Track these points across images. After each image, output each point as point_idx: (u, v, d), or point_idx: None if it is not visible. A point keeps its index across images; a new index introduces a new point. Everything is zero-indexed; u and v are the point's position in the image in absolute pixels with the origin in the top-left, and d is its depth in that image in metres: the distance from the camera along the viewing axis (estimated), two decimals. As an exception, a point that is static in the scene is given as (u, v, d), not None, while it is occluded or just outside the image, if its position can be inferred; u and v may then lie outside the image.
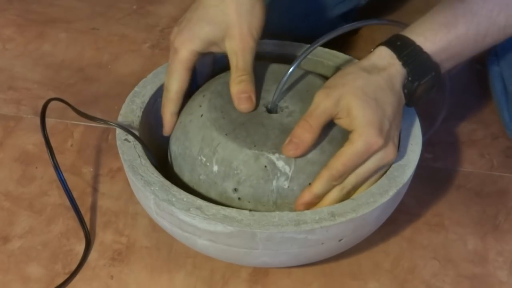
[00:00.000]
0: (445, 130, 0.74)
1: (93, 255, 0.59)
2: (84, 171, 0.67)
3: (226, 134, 0.52)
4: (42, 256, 0.59)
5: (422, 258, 0.60)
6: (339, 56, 0.65)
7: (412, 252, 0.60)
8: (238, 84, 0.54)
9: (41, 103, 0.75)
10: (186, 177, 0.55)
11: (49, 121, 0.73)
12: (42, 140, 0.70)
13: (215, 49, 0.56)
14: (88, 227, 0.61)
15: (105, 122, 0.55)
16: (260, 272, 0.58)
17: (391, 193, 0.51)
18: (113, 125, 0.54)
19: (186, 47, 0.55)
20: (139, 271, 0.58)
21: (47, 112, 0.74)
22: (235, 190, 0.52)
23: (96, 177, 0.67)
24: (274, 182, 0.51)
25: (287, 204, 0.52)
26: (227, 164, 0.52)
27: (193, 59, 0.55)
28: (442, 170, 0.69)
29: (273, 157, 0.51)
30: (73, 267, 0.58)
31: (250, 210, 0.49)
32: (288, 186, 0.51)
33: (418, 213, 0.64)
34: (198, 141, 0.54)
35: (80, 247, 0.60)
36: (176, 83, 0.56)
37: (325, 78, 0.63)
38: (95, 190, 0.65)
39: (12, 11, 0.93)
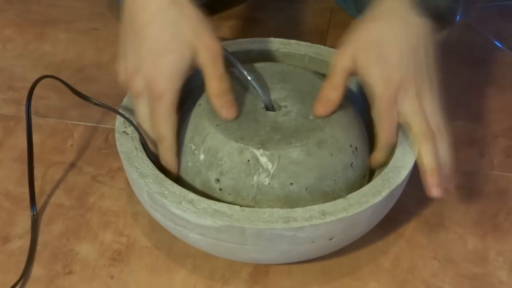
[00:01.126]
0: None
1: (93, 255, 0.59)
2: (84, 171, 0.67)
3: (217, 125, 0.53)
4: (42, 256, 0.59)
5: (422, 258, 0.60)
6: None
7: (412, 252, 0.60)
8: (219, 97, 0.53)
9: (41, 103, 0.75)
10: None
11: (49, 121, 0.73)
12: (42, 140, 0.71)
13: (190, 73, 0.53)
14: (88, 227, 0.61)
15: (104, 105, 0.55)
16: (260, 272, 0.58)
17: (384, 194, 0.51)
18: (111, 109, 0.56)
19: (169, 89, 0.51)
20: (139, 271, 0.58)
21: (47, 112, 0.74)
22: (217, 180, 0.53)
23: (96, 177, 0.67)
24: (255, 178, 0.52)
25: (266, 201, 0.52)
26: (212, 154, 0.53)
27: (177, 98, 0.52)
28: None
29: (257, 152, 0.52)
30: (73, 267, 0.58)
31: (231, 203, 0.50)
32: (269, 183, 0.52)
33: (418, 213, 0.64)
34: (191, 129, 0.55)
35: (80, 247, 0.60)
36: (170, 129, 0.53)
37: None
38: (95, 190, 0.65)
39: (12, 11, 0.93)
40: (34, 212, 0.62)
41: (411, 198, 0.65)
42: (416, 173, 0.68)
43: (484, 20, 0.92)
